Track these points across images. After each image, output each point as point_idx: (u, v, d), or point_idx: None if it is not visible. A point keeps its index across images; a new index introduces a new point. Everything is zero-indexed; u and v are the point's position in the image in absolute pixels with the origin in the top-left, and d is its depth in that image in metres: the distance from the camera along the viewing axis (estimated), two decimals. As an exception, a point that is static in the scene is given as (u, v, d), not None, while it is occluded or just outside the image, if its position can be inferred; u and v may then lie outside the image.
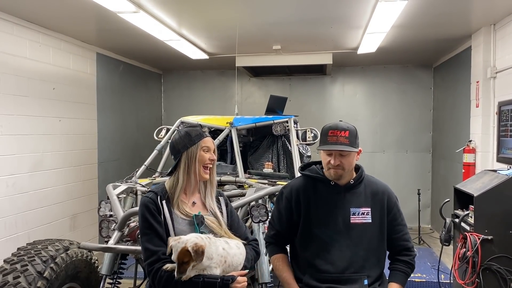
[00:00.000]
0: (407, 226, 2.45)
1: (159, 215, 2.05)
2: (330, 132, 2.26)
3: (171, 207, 2.09)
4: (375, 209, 2.33)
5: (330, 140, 2.25)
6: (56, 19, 4.84)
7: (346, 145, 2.22)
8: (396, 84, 8.06)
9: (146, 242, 2.01)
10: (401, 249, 2.39)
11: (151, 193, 2.11)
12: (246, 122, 4.61)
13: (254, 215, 3.21)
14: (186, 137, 2.14)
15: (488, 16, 4.76)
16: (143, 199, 2.11)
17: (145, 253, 2.02)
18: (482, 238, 3.28)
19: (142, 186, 3.75)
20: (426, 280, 4.96)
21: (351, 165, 2.29)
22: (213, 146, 2.21)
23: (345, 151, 2.23)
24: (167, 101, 8.89)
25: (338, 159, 2.24)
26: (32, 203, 4.95)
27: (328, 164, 2.28)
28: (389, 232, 2.37)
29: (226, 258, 1.99)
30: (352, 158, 2.28)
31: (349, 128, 2.27)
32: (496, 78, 4.98)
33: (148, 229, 2.03)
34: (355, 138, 2.27)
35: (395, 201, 2.41)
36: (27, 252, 2.99)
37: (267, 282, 3.16)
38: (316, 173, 2.40)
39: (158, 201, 2.07)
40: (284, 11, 4.60)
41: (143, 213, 2.06)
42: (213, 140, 2.23)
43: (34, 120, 4.97)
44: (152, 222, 2.03)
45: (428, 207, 7.99)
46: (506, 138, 3.94)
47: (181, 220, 2.08)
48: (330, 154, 2.27)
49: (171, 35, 5.31)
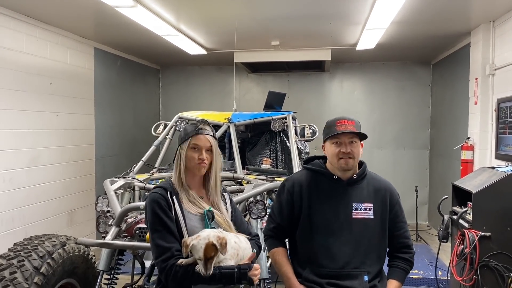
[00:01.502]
0: (407, 223, 2.45)
1: (170, 211, 2.01)
2: (337, 122, 2.28)
3: (181, 203, 2.06)
4: (377, 205, 2.32)
5: (339, 129, 2.26)
6: (53, 14, 4.80)
7: (357, 131, 2.26)
8: (394, 81, 8.05)
9: (158, 239, 1.96)
10: (401, 247, 2.39)
11: (160, 189, 2.07)
12: (244, 118, 4.59)
13: (252, 211, 3.21)
14: (183, 131, 2.15)
15: (487, 13, 4.75)
16: (152, 195, 2.05)
17: (157, 250, 1.96)
18: (480, 235, 3.28)
19: (140, 181, 3.74)
20: (423, 276, 4.97)
21: (358, 155, 2.30)
22: (207, 144, 2.11)
23: (354, 140, 2.26)
24: (165, 96, 8.86)
25: (348, 147, 2.26)
26: (29, 198, 4.93)
27: (338, 154, 2.27)
28: (391, 228, 2.36)
29: (238, 251, 1.99)
30: (359, 148, 2.30)
31: (354, 119, 2.32)
32: (495, 75, 4.97)
33: (160, 226, 1.97)
34: (360, 129, 2.31)
35: (398, 199, 2.41)
36: (24, 248, 2.98)
37: (265, 278, 3.16)
38: (319, 167, 2.39)
39: (169, 196, 2.04)
40: (283, 7, 4.57)
41: (153, 209, 2.00)
42: (210, 138, 2.14)
43: (31, 114, 4.95)
44: (164, 218, 1.98)
45: (426, 204, 8.00)
46: (505, 135, 3.94)
47: (192, 216, 2.06)
48: (339, 144, 2.27)
49: (169, 30, 5.28)
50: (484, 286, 3.27)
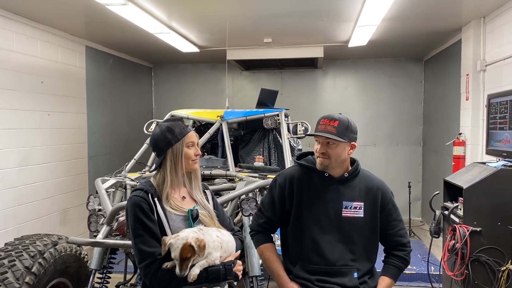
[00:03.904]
0: (403, 221, 2.43)
1: (152, 213, 1.97)
2: (322, 120, 2.28)
3: (163, 204, 2.02)
4: (368, 204, 2.31)
5: (319, 128, 2.26)
6: (43, 12, 4.76)
7: (331, 134, 2.21)
8: (387, 78, 8.08)
9: (141, 243, 1.92)
10: (396, 244, 2.38)
11: (141, 192, 2.00)
12: (237, 116, 4.59)
13: (244, 208, 3.21)
14: (169, 133, 2.06)
15: (478, 9, 4.77)
16: (133, 199, 1.99)
17: (140, 255, 1.92)
18: (471, 230, 3.30)
19: (132, 180, 3.72)
20: (416, 272, 5.00)
21: (338, 156, 2.25)
22: (197, 139, 2.14)
23: (332, 141, 2.22)
24: (158, 94, 8.83)
25: (324, 147, 2.24)
26: (21, 198, 4.91)
27: (316, 151, 2.30)
28: (384, 227, 2.35)
29: (222, 244, 1.99)
30: (340, 149, 2.25)
31: (340, 118, 2.26)
32: (485, 71, 5.00)
33: (142, 230, 1.93)
34: (345, 130, 2.24)
35: (390, 197, 2.38)
36: (15, 247, 2.97)
37: (257, 275, 3.17)
38: (312, 163, 2.37)
39: (150, 199, 1.99)
40: (275, 4, 4.57)
41: (135, 213, 1.95)
42: (195, 133, 2.16)
43: (22, 114, 4.91)
44: (146, 222, 1.93)
45: (419, 199, 8.04)
46: (495, 131, 3.95)
47: (175, 217, 2.03)
48: (318, 142, 2.28)
49: (161, 28, 5.26)
50: (475, 280, 3.30)
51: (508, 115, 3.72)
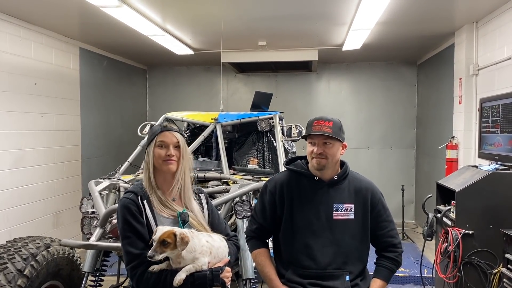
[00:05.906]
0: (394, 222, 2.44)
1: (140, 216, 1.98)
2: (315, 122, 2.29)
3: (152, 207, 2.02)
4: (358, 205, 2.32)
5: (314, 129, 2.28)
6: (37, 13, 4.74)
7: (330, 134, 2.25)
8: (381, 81, 8.12)
9: (128, 245, 1.94)
10: (386, 245, 2.38)
11: (131, 194, 2.03)
12: (231, 118, 4.59)
13: (238, 211, 3.21)
14: (149, 133, 2.15)
15: (470, 13, 4.81)
16: (122, 201, 2.02)
17: (127, 257, 1.94)
18: (463, 232, 3.32)
19: (125, 182, 3.71)
20: (409, 274, 5.02)
21: (334, 156, 2.29)
22: (174, 140, 2.08)
23: (329, 141, 2.25)
24: (152, 97, 8.81)
25: (321, 148, 2.26)
26: (13, 200, 4.87)
27: (311, 153, 2.30)
28: (374, 228, 2.36)
29: (211, 250, 1.98)
30: (335, 149, 2.28)
31: (333, 119, 2.30)
32: (478, 75, 5.04)
33: (130, 232, 1.95)
34: (339, 130, 2.30)
35: (380, 198, 2.39)
36: (7, 250, 2.95)
37: (251, 278, 3.17)
38: (301, 167, 2.39)
39: (139, 201, 2.00)
40: (269, 7, 4.58)
41: (124, 215, 1.97)
42: (177, 134, 2.11)
43: (15, 115, 4.88)
44: (134, 224, 1.95)
45: (412, 202, 8.08)
46: (487, 134, 3.99)
47: (165, 219, 2.03)
48: (314, 143, 2.29)
49: (156, 30, 5.25)
50: (468, 283, 3.32)
51: (500, 119, 3.76)
